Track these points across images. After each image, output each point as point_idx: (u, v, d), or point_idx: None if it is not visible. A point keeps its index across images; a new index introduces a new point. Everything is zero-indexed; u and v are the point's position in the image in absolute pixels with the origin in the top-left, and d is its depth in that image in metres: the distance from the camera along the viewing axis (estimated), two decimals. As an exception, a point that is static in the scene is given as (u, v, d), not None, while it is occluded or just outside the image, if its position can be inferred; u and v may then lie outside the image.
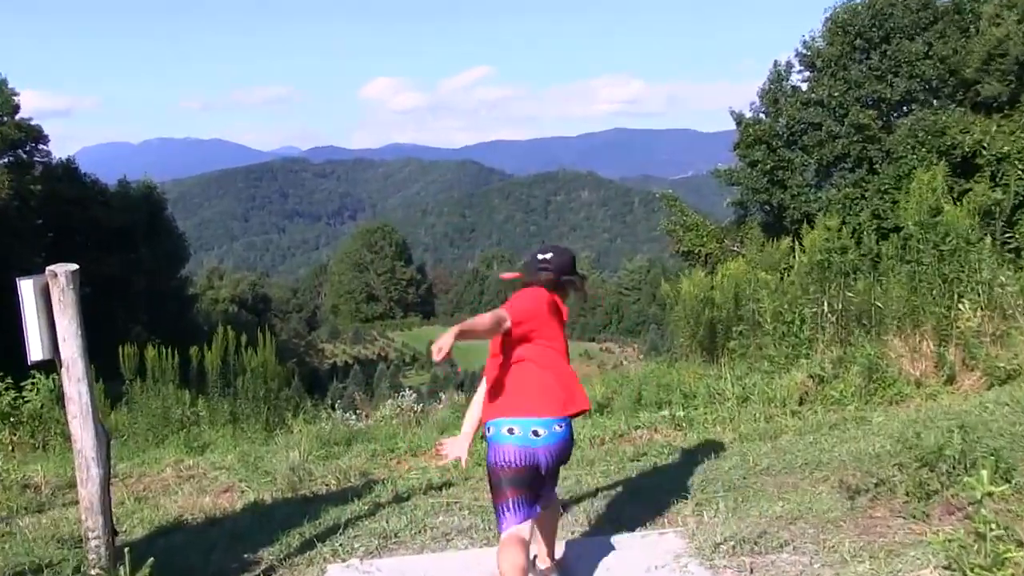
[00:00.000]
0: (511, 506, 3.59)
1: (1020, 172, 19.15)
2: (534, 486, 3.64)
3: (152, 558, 3.63)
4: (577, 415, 3.75)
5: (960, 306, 7.90)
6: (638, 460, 5.94)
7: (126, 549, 3.72)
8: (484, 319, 3.57)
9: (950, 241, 8.19)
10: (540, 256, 3.95)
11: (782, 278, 10.02)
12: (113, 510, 4.19)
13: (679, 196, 27.43)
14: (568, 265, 3.98)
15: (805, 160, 25.21)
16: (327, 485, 6.04)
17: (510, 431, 3.61)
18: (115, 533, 4.08)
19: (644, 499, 4.99)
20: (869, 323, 8.53)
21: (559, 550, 4.30)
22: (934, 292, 8.17)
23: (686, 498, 4.86)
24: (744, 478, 5.19)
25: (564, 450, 3.69)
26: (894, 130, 23.78)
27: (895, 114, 25.07)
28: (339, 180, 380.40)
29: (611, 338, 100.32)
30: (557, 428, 3.62)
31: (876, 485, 4.57)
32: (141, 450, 8.16)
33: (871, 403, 6.89)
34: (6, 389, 9.03)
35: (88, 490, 3.96)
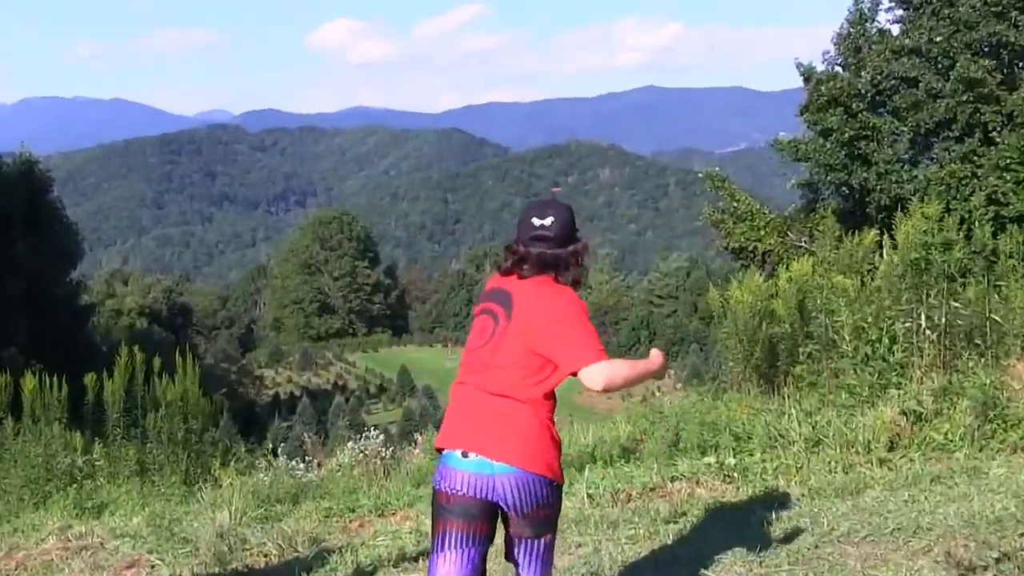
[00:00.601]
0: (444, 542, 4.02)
1: None
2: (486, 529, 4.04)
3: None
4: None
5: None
6: (675, 521, 5.91)
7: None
8: (655, 364, 4.13)
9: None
10: (537, 221, 4.08)
11: (864, 283, 9.96)
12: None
13: (728, 175, 27.45)
14: (572, 228, 4.15)
15: (896, 127, 24.69)
16: (266, 556, 5.98)
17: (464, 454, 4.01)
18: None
19: (683, 573, 4.92)
20: (983, 343, 8.48)
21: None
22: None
23: (738, 574, 4.80)
24: (816, 547, 5.15)
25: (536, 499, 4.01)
26: (1018, 86, 23.02)
27: (1020, 64, 24.97)
28: (283, 155, 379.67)
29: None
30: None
31: (997, 561, 4.54)
32: (14, 513, 8.05)
33: (986, 450, 6.84)
34: None
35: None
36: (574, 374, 3.95)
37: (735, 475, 6.81)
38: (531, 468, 3.93)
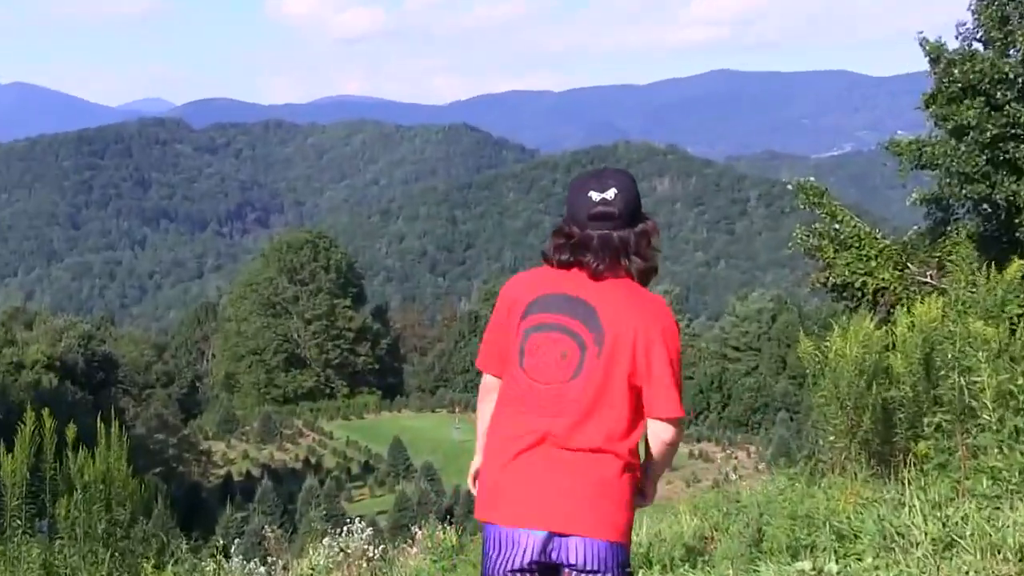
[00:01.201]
0: None
1: None
2: None
3: None
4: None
5: None
6: (759, 651, 6.19)
7: None
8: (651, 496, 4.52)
9: None
10: (597, 195, 4.27)
11: (1014, 331, 10.01)
12: None
13: (827, 187, 27.25)
14: (638, 202, 4.39)
15: (1058, 124, 24.36)
16: None
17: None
18: None
19: None
20: None
21: None
22: None
23: None
24: None
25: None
26: None
27: None
28: (239, 158, 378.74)
29: (708, 433, 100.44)
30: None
31: None
32: None
33: None
34: None
35: None
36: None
37: (838, 587, 7.02)
38: (614, 538, 4.11)
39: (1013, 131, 24.08)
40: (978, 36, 25.78)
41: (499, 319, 4.61)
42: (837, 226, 25.45)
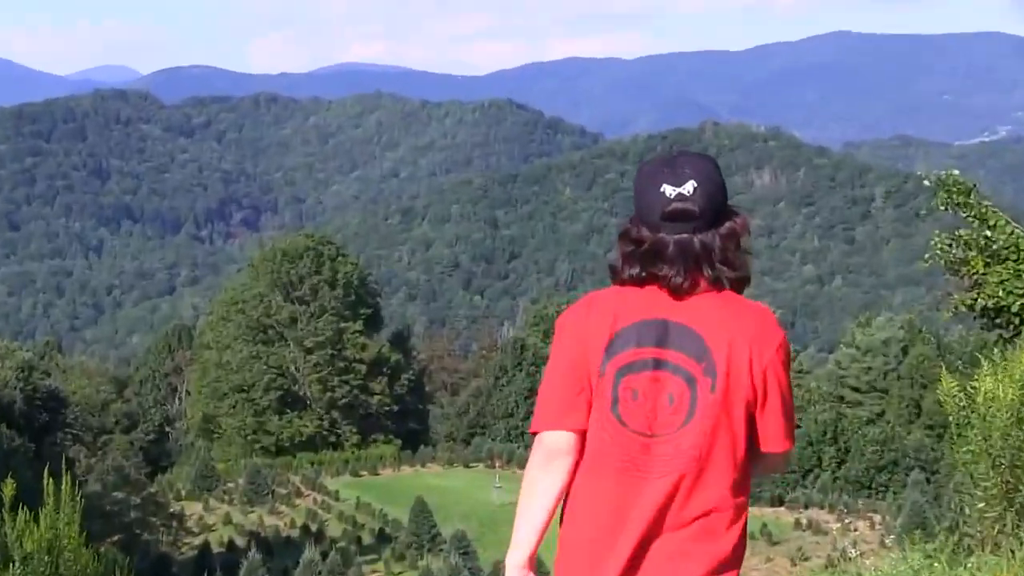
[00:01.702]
0: None
1: None
2: None
3: None
4: None
5: None
6: None
7: None
8: None
9: None
10: (671, 190, 4.32)
11: None
12: None
13: (976, 183, 27.05)
14: (723, 194, 4.45)
15: None
16: None
17: None
18: None
19: None
20: None
21: None
22: None
23: None
24: None
25: None
26: None
27: None
28: (221, 141, 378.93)
29: (820, 498, 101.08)
30: None
31: None
32: None
33: None
34: None
35: None
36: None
37: None
38: None
39: None
40: None
41: (572, 360, 4.51)
42: (988, 233, 25.12)
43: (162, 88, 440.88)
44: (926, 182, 28.96)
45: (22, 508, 9.23)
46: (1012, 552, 10.08)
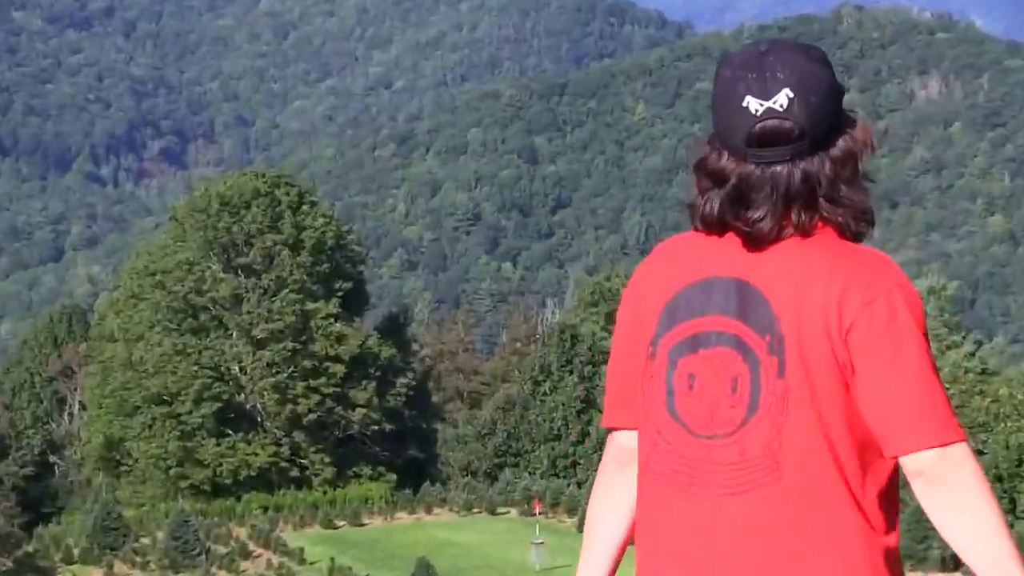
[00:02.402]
0: None
1: None
2: None
3: None
4: None
5: None
6: None
7: None
8: None
9: None
10: (758, 103, 4.39)
11: None
12: None
13: None
14: (833, 102, 4.53)
15: None
16: None
17: None
18: None
19: None
20: None
21: None
22: None
23: None
24: None
25: None
26: None
27: None
28: (132, 37, 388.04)
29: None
30: None
31: None
32: None
33: None
34: None
35: None
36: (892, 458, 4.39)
37: None
38: None
39: None
40: None
41: (626, 332, 4.86)
42: None
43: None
44: None
45: None
46: None
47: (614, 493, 4.94)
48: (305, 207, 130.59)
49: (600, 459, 4.55)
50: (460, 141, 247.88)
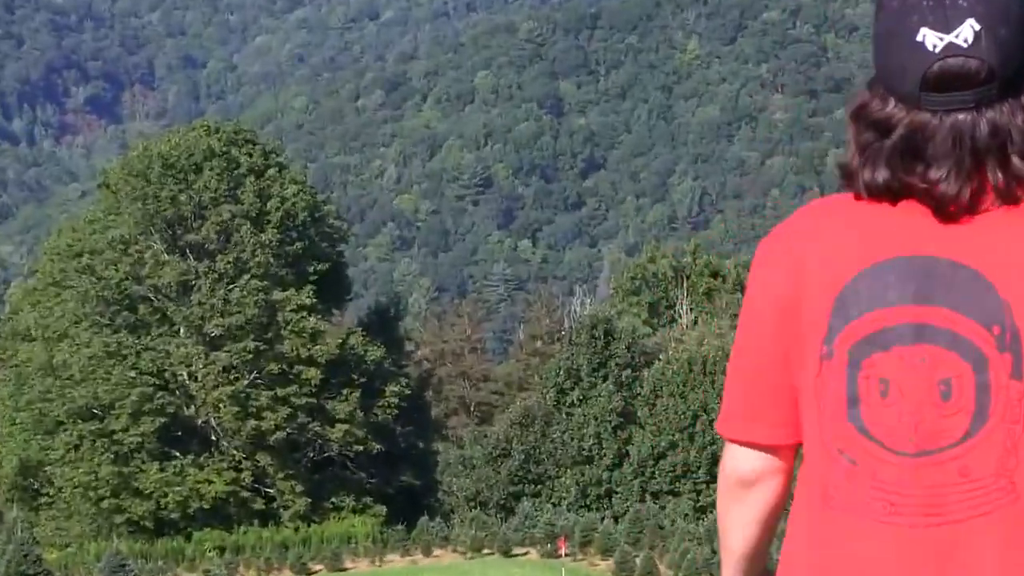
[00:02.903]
0: None
1: None
2: None
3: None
4: None
5: None
6: None
7: None
8: None
9: None
10: (937, 38, 4.58)
11: None
12: None
13: None
14: None
15: None
16: None
17: None
18: None
19: None
20: None
21: None
22: None
23: None
24: None
25: None
26: None
27: None
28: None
29: None
30: None
31: None
32: None
33: None
34: None
35: None
36: None
37: None
38: None
39: None
40: None
41: (768, 325, 4.85)
42: None
43: None
44: None
45: None
46: None
47: (740, 516, 5.27)
48: (271, 171, 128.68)
49: (640, 484, 4.32)
50: (465, 87, 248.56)
